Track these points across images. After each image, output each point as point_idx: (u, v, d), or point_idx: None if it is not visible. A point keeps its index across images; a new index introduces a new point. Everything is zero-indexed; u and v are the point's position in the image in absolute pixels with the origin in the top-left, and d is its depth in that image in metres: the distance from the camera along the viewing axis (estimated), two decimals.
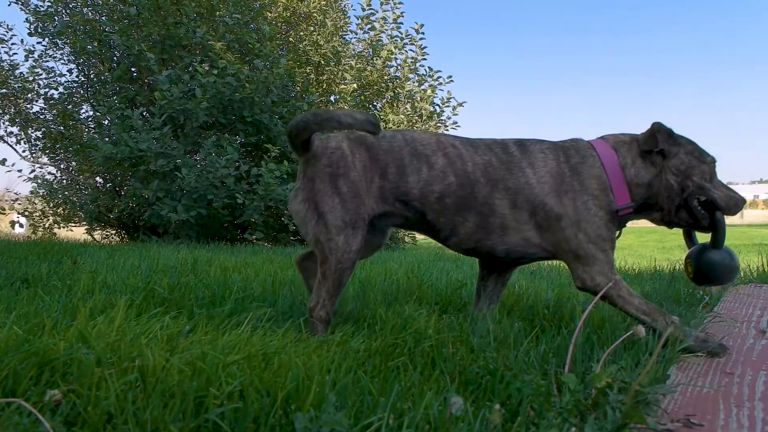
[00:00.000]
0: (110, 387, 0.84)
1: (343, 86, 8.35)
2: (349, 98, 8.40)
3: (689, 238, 1.71)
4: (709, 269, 1.58)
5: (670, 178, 1.53)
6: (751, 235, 15.03)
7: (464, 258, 4.28)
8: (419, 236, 10.48)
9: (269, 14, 8.48)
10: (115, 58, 7.55)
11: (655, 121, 1.54)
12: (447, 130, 9.34)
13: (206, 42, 6.92)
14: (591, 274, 1.44)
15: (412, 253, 5.44)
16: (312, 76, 8.81)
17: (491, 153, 1.52)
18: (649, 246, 13.00)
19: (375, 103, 9.61)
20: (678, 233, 1.70)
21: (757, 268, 3.02)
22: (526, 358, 1.23)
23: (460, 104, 9.32)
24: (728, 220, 1.62)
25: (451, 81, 8.90)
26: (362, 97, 9.11)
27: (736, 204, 1.57)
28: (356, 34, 9.43)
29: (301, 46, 8.91)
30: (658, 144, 1.51)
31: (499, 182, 1.48)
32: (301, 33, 8.96)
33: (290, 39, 9.01)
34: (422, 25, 9.22)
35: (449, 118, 9.32)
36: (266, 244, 7.35)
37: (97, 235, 7.85)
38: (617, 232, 1.56)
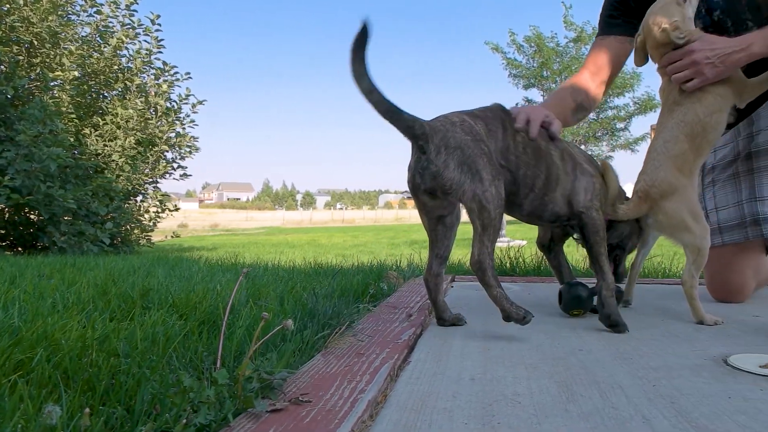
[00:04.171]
0: None
1: (59, 72, 7.44)
2: (68, 87, 7.53)
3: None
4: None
5: None
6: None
7: (180, 261, 4.18)
8: (156, 238, 9.89)
9: None
10: None
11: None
12: (184, 128, 9.02)
13: None
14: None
15: (137, 258, 5.11)
16: (21, 57, 7.67)
17: None
18: (382, 243, 14.39)
19: (104, 94, 8.79)
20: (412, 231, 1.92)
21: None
22: (181, 359, 1.28)
23: (200, 102, 9.09)
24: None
25: (189, 78, 8.61)
26: (86, 87, 8.25)
27: None
28: (79, 16, 8.48)
29: (8, 20, 7.69)
30: None
31: (548, 140, 1.81)
32: (8, 6, 7.73)
33: None
34: (158, 16, 8.75)
35: (188, 116, 9.02)
36: None
37: None
38: None
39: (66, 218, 6.98)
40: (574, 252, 2.22)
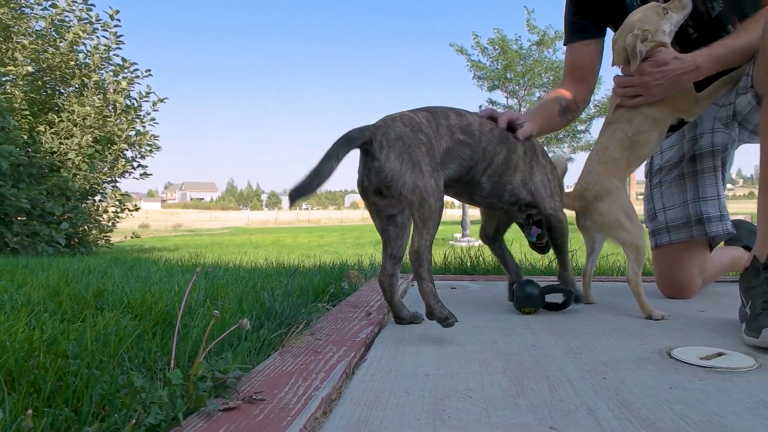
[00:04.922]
0: None
1: (11, 67, 7.19)
2: (21, 82, 7.29)
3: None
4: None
5: None
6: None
7: (139, 261, 4.10)
8: (115, 238, 9.66)
9: None
10: None
11: None
12: (144, 126, 8.83)
13: None
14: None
15: (94, 259, 4.98)
16: None
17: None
18: (347, 243, 14.37)
19: (59, 90, 8.53)
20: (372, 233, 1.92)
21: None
22: (134, 360, 1.26)
23: (161, 100, 8.91)
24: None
25: (150, 75, 8.44)
26: (41, 83, 7.99)
27: None
28: (33, 9, 8.21)
29: None
30: None
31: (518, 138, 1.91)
32: None
33: None
34: (117, 11, 8.54)
35: (148, 114, 8.83)
36: None
37: None
38: None
39: (19, 218, 6.75)
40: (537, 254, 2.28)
